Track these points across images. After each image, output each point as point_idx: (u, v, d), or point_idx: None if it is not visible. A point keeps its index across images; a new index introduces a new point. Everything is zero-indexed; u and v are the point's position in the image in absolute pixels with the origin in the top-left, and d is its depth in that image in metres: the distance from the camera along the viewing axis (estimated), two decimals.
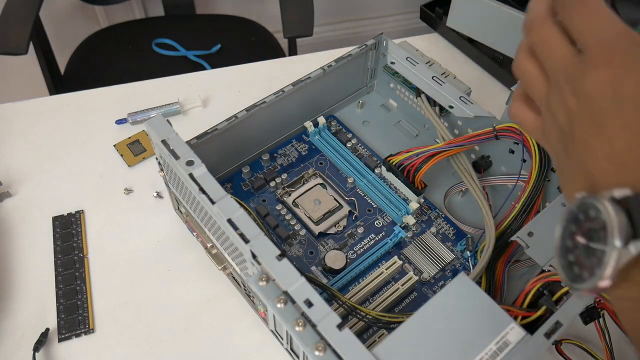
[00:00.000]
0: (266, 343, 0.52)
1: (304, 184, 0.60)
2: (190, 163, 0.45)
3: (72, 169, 0.65)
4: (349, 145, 0.64)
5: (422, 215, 0.60)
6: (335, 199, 0.59)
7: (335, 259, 0.54)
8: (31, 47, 0.96)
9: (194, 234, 0.58)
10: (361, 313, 0.47)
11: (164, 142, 0.46)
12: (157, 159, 0.53)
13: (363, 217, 0.59)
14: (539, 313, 0.40)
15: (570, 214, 0.26)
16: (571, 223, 0.26)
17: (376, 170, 0.62)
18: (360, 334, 0.50)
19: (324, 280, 0.54)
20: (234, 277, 0.54)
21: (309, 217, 0.57)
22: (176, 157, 0.45)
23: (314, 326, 0.37)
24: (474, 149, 0.61)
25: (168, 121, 0.47)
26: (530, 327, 0.38)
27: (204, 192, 0.43)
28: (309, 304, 0.38)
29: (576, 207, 0.26)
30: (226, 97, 0.74)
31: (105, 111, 0.71)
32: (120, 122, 0.70)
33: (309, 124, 0.64)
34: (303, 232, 0.57)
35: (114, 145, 0.68)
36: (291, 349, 0.46)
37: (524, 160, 0.54)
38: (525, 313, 0.40)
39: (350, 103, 0.69)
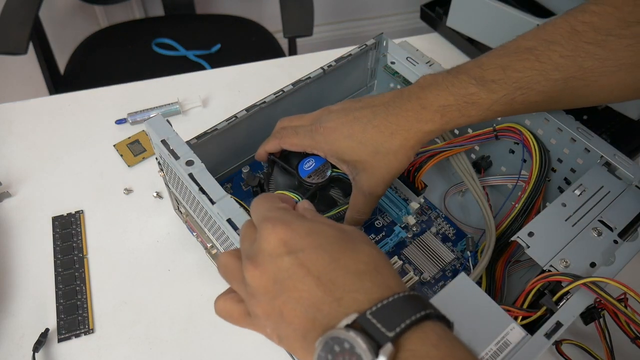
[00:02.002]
0: (266, 343, 0.52)
1: None
2: (190, 163, 0.45)
3: (72, 169, 0.65)
4: None
5: (422, 215, 0.60)
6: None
7: None
8: (31, 47, 0.96)
9: (194, 234, 0.58)
10: None
11: (163, 142, 0.46)
12: (156, 159, 0.53)
13: None
14: (539, 313, 0.40)
15: (323, 348, 0.27)
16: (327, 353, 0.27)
17: None
18: None
19: None
20: None
21: None
22: (176, 157, 0.45)
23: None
24: (474, 149, 0.60)
25: (168, 121, 0.47)
26: (531, 328, 0.38)
27: (203, 192, 0.43)
28: None
29: (321, 350, 0.27)
30: (226, 97, 0.74)
31: (105, 111, 0.71)
32: (120, 122, 0.70)
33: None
34: None
35: (114, 145, 0.68)
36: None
37: (524, 160, 0.54)
38: (525, 313, 0.40)
39: None
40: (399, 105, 0.47)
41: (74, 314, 0.54)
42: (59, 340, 0.52)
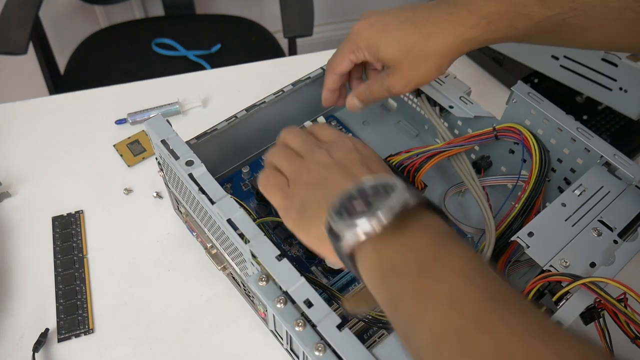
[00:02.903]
0: (266, 343, 0.52)
1: None
2: (189, 163, 0.45)
3: (71, 169, 0.65)
4: None
5: None
6: None
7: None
8: (31, 47, 0.96)
9: (194, 234, 0.58)
10: (361, 313, 0.47)
11: (163, 142, 0.46)
12: (156, 159, 0.53)
13: None
14: None
15: (362, 187, 0.33)
16: (359, 191, 0.33)
17: None
18: (360, 334, 0.50)
19: (324, 281, 0.54)
20: (233, 277, 0.54)
21: None
22: (176, 157, 0.45)
23: (313, 326, 0.37)
24: (474, 149, 0.60)
25: (168, 121, 0.47)
26: None
27: (203, 192, 0.43)
28: (309, 304, 0.38)
29: (372, 184, 0.33)
30: (226, 97, 0.74)
31: (105, 111, 0.71)
32: (120, 122, 0.70)
33: (308, 124, 0.64)
34: None
35: (114, 145, 0.68)
36: (291, 349, 0.46)
37: (524, 160, 0.54)
38: None
39: None
40: (444, 7, 0.45)
41: (73, 314, 0.54)
42: (59, 340, 0.52)
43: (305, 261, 0.55)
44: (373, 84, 0.51)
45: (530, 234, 0.43)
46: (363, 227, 0.31)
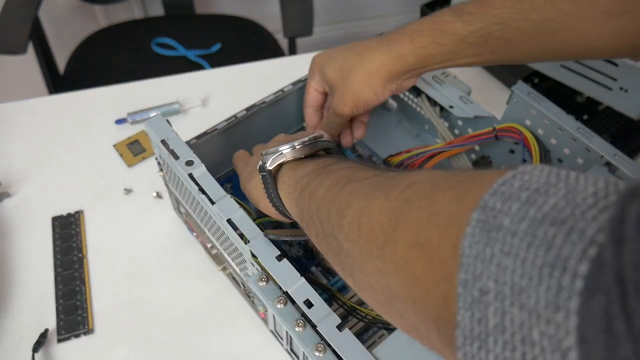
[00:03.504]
0: (266, 343, 0.52)
1: None
2: (189, 163, 0.44)
3: (71, 169, 0.65)
4: None
5: None
6: None
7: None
8: (30, 47, 0.96)
9: (194, 234, 0.58)
10: (361, 313, 0.47)
11: (163, 142, 0.46)
12: (156, 159, 0.53)
13: None
14: None
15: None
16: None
17: None
18: (360, 335, 0.50)
19: (324, 281, 0.54)
20: (233, 278, 0.54)
21: None
22: (176, 157, 0.45)
23: (314, 326, 0.37)
24: (474, 149, 0.60)
25: (167, 121, 0.47)
26: None
27: (203, 192, 0.43)
28: (309, 304, 0.38)
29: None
30: (226, 97, 0.74)
31: (105, 111, 0.71)
32: (119, 122, 0.69)
33: None
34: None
35: (114, 145, 0.68)
36: (291, 349, 0.46)
37: (524, 160, 0.54)
38: None
39: None
40: (383, 35, 0.49)
41: (73, 314, 0.54)
42: (59, 341, 0.52)
43: (305, 261, 0.55)
44: (329, 111, 0.54)
45: None
46: (283, 149, 0.41)
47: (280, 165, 0.42)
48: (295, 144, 0.41)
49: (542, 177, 0.21)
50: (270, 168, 0.41)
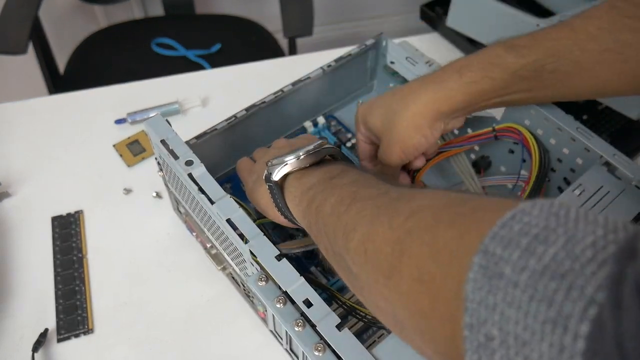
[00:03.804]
0: (265, 343, 0.52)
1: None
2: (189, 163, 0.44)
3: (71, 169, 0.65)
4: (348, 145, 0.64)
5: None
6: None
7: None
8: (30, 47, 0.96)
9: (194, 234, 0.58)
10: (361, 313, 0.47)
11: (163, 142, 0.46)
12: (156, 159, 0.53)
13: None
14: None
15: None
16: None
17: None
18: (359, 334, 0.50)
19: (324, 281, 0.54)
20: (233, 278, 0.54)
21: None
22: (175, 157, 0.45)
23: (313, 326, 0.37)
24: (474, 149, 0.60)
25: (167, 121, 0.47)
26: None
27: (203, 192, 0.43)
28: (309, 304, 0.38)
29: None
30: (226, 97, 0.74)
31: (105, 111, 0.71)
32: (119, 122, 0.69)
33: (308, 124, 0.64)
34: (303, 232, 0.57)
35: (114, 145, 0.68)
36: (291, 349, 0.46)
37: (524, 160, 0.54)
38: None
39: (350, 103, 0.69)
40: (425, 75, 0.46)
41: (73, 314, 0.54)
42: (59, 341, 0.52)
43: (305, 261, 0.55)
44: (379, 161, 0.51)
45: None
46: (288, 159, 0.40)
47: (286, 176, 0.41)
48: (300, 153, 0.41)
49: (540, 220, 0.21)
50: (277, 180, 0.41)
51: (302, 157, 0.41)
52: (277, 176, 0.40)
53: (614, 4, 0.41)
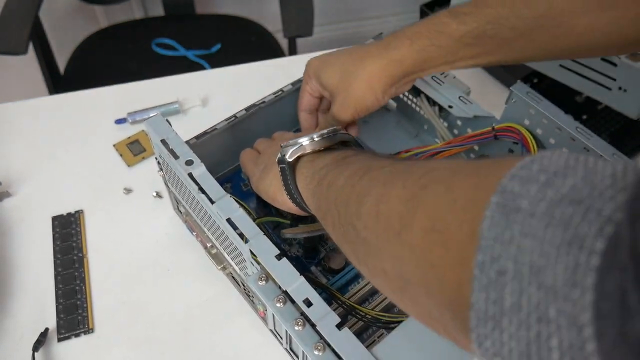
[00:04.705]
0: (265, 343, 0.52)
1: None
2: (189, 163, 0.45)
3: (71, 169, 0.65)
4: None
5: None
6: None
7: (335, 259, 0.54)
8: (31, 47, 0.96)
9: (194, 233, 0.58)
10: (360, 313, 0.47)
11: (163, 141, 0.46)
12: (156, 158, 0.53)
13: None
14: None
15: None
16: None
17: None
18: (359, 334, 0.50)
19: (324, 280, 0.54)
20: (233, 277, 0.54)
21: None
22: (175, 156, 0.45)
23: (313, 326, 0.37)
24: (474, 149, 0.61)
25: (167, 121, 0.47)
26: None
27: (203, 191, 0.43)
28: (309, 303, 0.38)
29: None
30: (226, 97, 0.74)
31: (105, 111, 0.71)
32: (119, 121, 0.70)
33: None
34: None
35: (114, 145, 0.68)
36: (290, 348, 0.46)
37: None
38: None
39: None
40: (381, 38, 0.50)
41: (73, 314, 0.54)
42: (59, 340, 0.52)
43: (305, 261, 0.55)
44: (327, 115, 0.53)
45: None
46: (302, 140, 0.42)
47: (298, 158, 0.42)
48: (314, 136, 0.42)
49: (560, 161, 0.21)
50: (291, 160, 0.42)
51: (316, 139, 0.42)
52: (291, 156, 0.41)
53: None
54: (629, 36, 0.43)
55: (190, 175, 0.44)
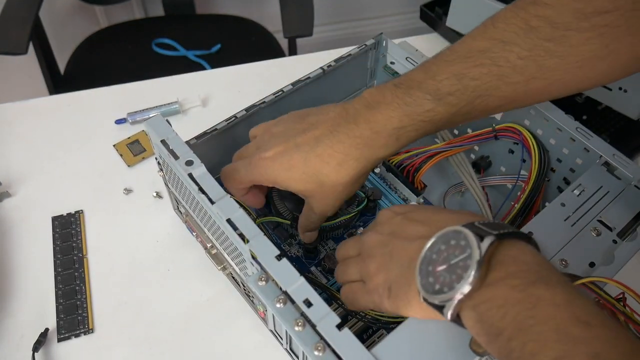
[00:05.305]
0: (265, 343, 0.52)
1: None
2: (189, 163, 0.45)
3: (71, 169, 0.65)
4: None
5: None
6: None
7: (335, 259, 0.54)
8: (31, 47, 0.96)
9: (194, 234, 0.58)
10: (360, 313, 0.47)
11: (163, 142, 0.46)
12: (156, 158, 0.53)
13: (363, 217, 0.59)
14: None
15: (433, 244, 0.34)
16: (433, 252, 0.34)
17: (376, 171, 0.62)
18: (359, 334, 0.50)
19: (324, 281, 0.54)
20: (233, 277, 0.54)
21: None
22: (175, 157, 0.45)
23: (313, 326, 0.37)
24: (474, 149, 0.61)
25: (167, 121, 0.47)
26: None
27: (203, 192, 0.43)
28: (309, 303, 0.38)
29: (438, 237, 0.34)
30: (226, 97, 0.74)
31: (105, 111, 0.71)
32: (119, 122, 0.70)
33: None
34: None
35: (114, 145, 0.68)
36: (290, 349, 0.46)
37: (524, 160, 0.54)
38: None
39: None
40: (345, 130, 0.43)
41: (73, 314, 0.54)
42: (59, 340, 0.52)
43: (305, 261, 0.55)
44: (309, 213, 0.48)
45: (530, 234, 0.43)
46: (455, 294, 0.31)
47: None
48: (467, 275, 0.31)
49: None
50: (454, 318, 0.33)
51: (470, 278, 0.31)
52: (450, 316, 0.33)
53: (528, 23, 0.39)
54: (619, 77, 0.41)
55: (191, 175, 0.44)
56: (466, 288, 0.31)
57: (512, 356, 0.29)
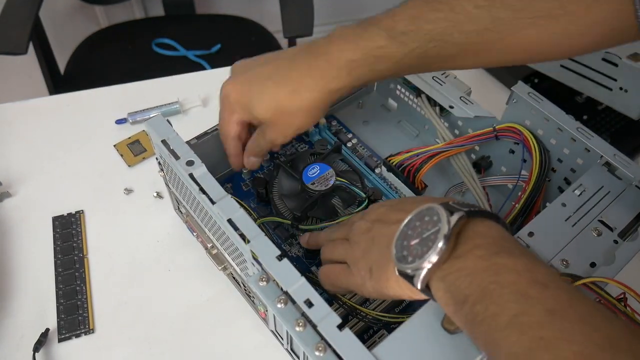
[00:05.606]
0: (266, 343, 0.52)
1: None
2: (190, 163, 0.44)
3: (72, 169, 0.65)
4: (349, 145, 0.64)
5: None
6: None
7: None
8: (31, 47, 0.96)
9: (194, 234, 0.58)
10: (361, 313, 0.47)
11: (164, 142, 0.46)
12: (157, 158, 0.53)
13: None
14: None
15: (409, 221, 0.36)
16: (409, 228, 0.36)
17: (376, 171, 0.62)
18: (360, 335, 0.50)
19: None
20: (234, 277, 0.54)
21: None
22: (176, 157, 0.45)
23: (314, 326, 0.37)
24: (474, 149, 0.60)
25: (168, 121, 0.47)
26: None
27: (204, 192, 0.43)
28: (309, 304, 0.38)
29: (414, 214, 0.36)
30: None
31: (105, 111, 0.71)
32: (120, 122, 0.70)
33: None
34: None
35: (114, 145, 0.68)
36: (291, 349, 0.46)
37: (524, 160, 0.54)
38: None
39: (350, 103, 0.69)
40: (304, 60, 0.45)
41: (74, 314, 0.54)
42: (59, 340, 0.52)
43: (306, 261, 0.55)
44: (259, 138, 0.50)
45: (531, 234, 0.43)
46: (424, 263, 0.33)
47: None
48: (441, 244, 0.33)
49: None
50: (423, 287, 0.35)
51: (442, 247, 0.33)
52: (421, 284, 0.34)
53: None
54: (579, 46, 0.41)
55: (191, 175, 0.44)
56: (434, 257, 0.33)
57: (477, 320, 0.31)
